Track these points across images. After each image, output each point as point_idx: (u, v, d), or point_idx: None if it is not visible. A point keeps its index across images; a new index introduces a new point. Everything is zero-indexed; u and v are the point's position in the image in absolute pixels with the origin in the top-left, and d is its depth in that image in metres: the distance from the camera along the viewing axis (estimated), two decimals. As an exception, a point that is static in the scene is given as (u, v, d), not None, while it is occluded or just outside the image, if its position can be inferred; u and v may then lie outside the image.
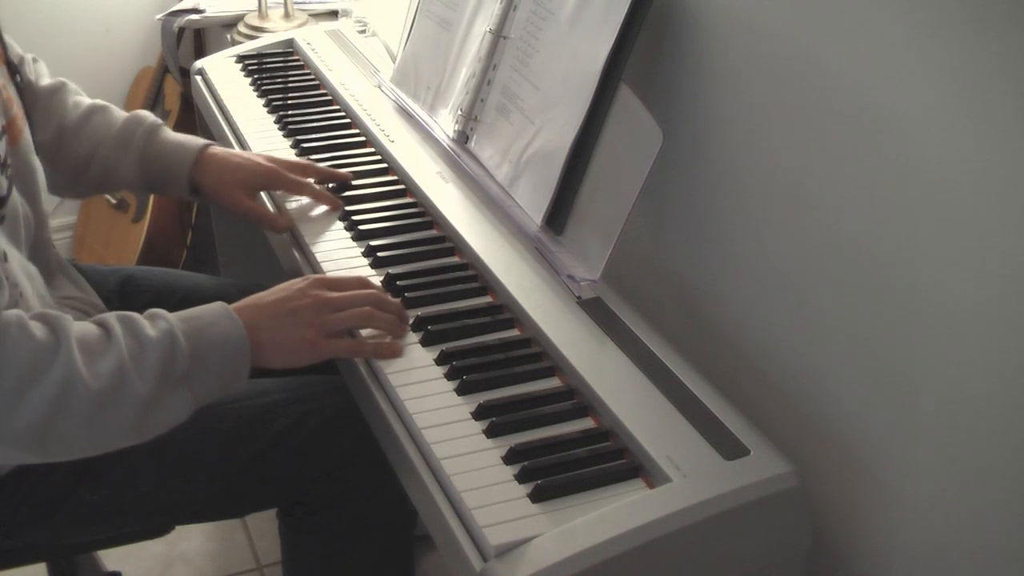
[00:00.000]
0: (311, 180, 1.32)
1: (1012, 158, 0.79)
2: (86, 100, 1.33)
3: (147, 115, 1.32)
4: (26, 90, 1.25)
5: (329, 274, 1.17)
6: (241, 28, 2.07)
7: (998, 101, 0.80)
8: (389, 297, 1.10)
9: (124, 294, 1.33)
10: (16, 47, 1.24)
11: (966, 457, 0.88)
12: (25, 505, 1.08)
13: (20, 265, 1.02)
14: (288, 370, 1.06)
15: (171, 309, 1.31)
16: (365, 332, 1.07)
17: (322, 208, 1.30)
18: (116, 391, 0.93)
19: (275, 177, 1.30)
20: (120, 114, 1.32)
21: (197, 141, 1.31)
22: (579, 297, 1.10)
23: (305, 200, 1.32)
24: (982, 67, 0.81)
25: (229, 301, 1.33)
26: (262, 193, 1.34)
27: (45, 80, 1.31)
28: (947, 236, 0.86)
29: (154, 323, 0.98)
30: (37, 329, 0.91)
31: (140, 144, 1.29)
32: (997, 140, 0.80)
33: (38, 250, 1.10)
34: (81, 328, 0.94)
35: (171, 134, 1.32)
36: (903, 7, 0.87)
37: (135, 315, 0.98)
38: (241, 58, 1.73)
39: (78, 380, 0.91)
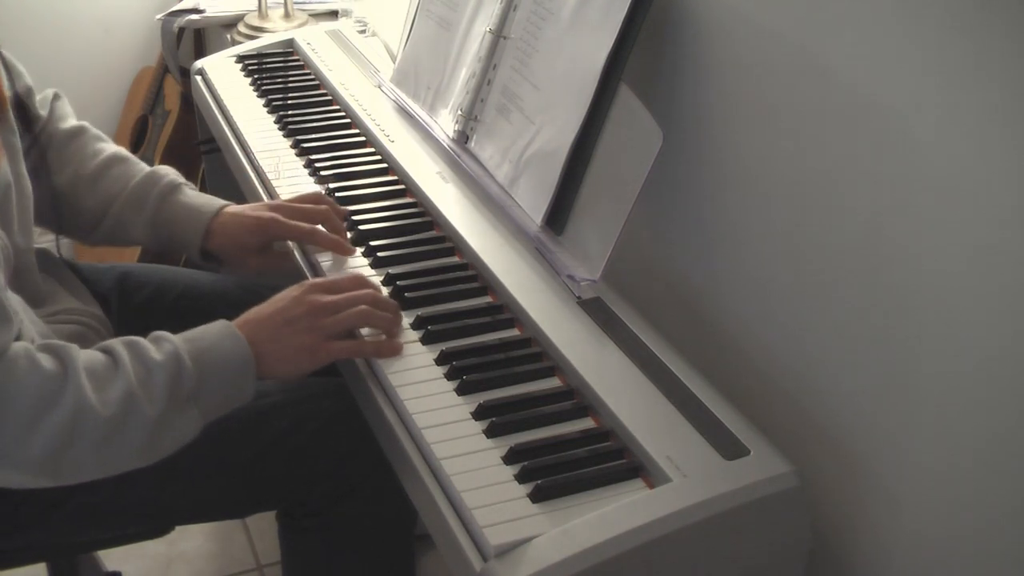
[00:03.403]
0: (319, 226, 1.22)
1: (1013, 157, 0.79)
2: (108, 148, 1.28)
3: (166, 173, 1.27)
4: (41, 130, 1.23)
5: (329, 275, 1.17)
6: (241, 28, 2.07)
7: (999, 100, 0.80)
8: (384, 295, 1.10)
9: (122, 291, 1.33)
10: (26, 78, 1.20)
11: (966, 457, 0.88)
12: (24, 506, 1.08)
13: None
14: None
15: (169, 305, 1.33)
16: (365, 332, 1.07)
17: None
18: (126, 416, 0.93)
19: (275, 228, 1.21)
20: (139, 168, 1.27)
21: (210, 206, 1.24)
22: (579, 297, 1.10)
23: None
24: (984, 66, 0.81)
25: (228, 297, 1.34)
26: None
27: (65, 123, 1.27)
28: (948, 236, 0.86)
29: (159, 346, 0.98)
30: (45, 360, 0.92)
31: (153, 206, 1.24)
32: (999, 139, 0.80)
33: (20, 277, 1.10)
34: (88, 356, 0.95)
35: (186, 197, 1.25)
36: (905, 5, 0.87)
37: (140, 340, 0.99)
38: (241, 58, 1.73)
39: (88, 408, 0.91)
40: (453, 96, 1.40)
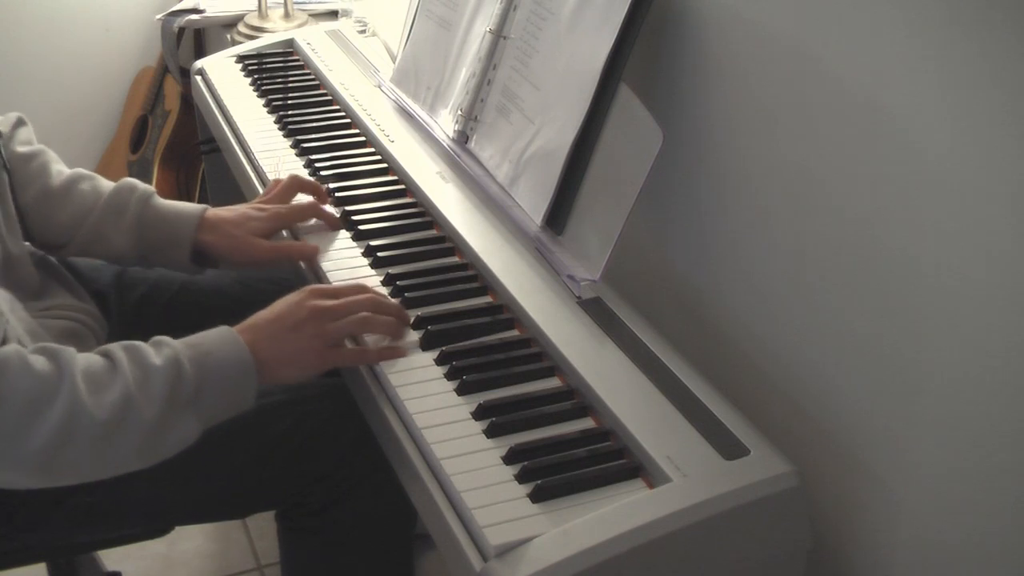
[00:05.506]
0: (309, 198, 1.28)
1: (1012, 156, 0.79)
2: (67, 169, 1.26)
3: (138, 183, 1.26)
4: (3, 146, 1.20)
5: (328, 275, 1.17)
6: (241, 28, 2.07)
7: (998, 100, 0.80)
8: (387, 299, 1.10)
9: (120, 287, 1.32)
10: None
11: (966, 456, 0.88)
12: (24, 506, 1.08)
13: None
14: None
15: (167, 301, 1.32)
16: (370, 338, 1.07)
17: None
18: (122, 420, 0.93)
19: (280, 217, 1.24)
20: (108, 183, 1.26)
21: (196, 205, 1.25)
22: (579, 297, 1.10)
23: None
24: (983, 66, 0.81)
25: (225, 293, 1.33)
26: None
27: (24, 147, 1.24)
28: (948, 236, 0.86)
29: (159, 350, 0.98)
30: (38, 362, 0.92)
31: (135, 211, 1.22)
32: (998, 139, 0.80)
33: (10, 271, 1.09)
34: (86, 360, 0.95)
35: (166, 201, 1.25)
36: (905, 5, 0.87)
37: (140, 344, 0.98)
38: (241, 58, 1.73)
39: (83, 411, 0.91)
40: (453, 96, 1.40)
